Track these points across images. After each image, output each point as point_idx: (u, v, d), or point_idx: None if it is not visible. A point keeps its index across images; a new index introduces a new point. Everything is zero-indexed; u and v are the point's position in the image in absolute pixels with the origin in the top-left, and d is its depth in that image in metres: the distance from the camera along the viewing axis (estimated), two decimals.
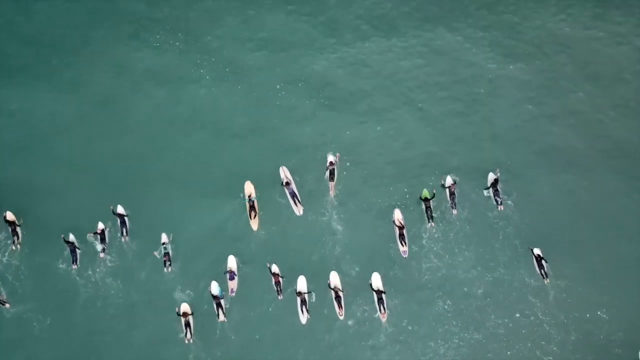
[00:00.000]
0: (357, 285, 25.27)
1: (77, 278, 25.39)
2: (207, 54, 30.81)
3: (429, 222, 26.26)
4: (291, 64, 30.53)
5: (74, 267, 25.41)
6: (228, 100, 29.63)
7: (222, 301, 24.55)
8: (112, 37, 31.19)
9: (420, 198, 26.58)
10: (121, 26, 31.49)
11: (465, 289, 25.17)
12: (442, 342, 24.38)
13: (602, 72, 29.88)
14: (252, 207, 26.39)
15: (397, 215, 26.42)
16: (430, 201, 26.35)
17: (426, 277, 25.44)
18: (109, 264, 25.69)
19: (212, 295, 24.56)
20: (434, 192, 26.60)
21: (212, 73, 30.35)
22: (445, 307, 24.93)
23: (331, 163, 27.29)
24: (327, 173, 27.28)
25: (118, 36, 31.23)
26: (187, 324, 24.39)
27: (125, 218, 26.24)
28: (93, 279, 25.41)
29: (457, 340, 24.42)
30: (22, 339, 24.44)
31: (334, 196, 27.03)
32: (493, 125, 28.72)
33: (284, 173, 27.22)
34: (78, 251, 25.54)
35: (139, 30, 31.42)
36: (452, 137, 28.52)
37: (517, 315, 24.66)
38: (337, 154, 27.50)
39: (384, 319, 24.68)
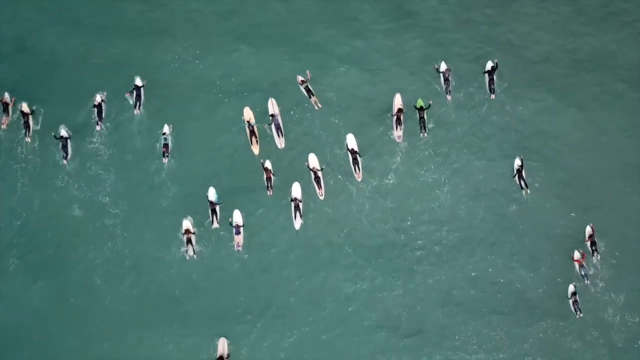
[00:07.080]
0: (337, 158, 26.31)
1: (71, 171, 25.84)
2: None
3: (421, 132, 26.52)
4: None
5: (64, 162, 25.65)
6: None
7: (217, 207, 25.06)
8: None
9: (415, 107, 26.65)
10: None
11: (451, 169, 26.15)
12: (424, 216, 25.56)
13: None
14: (252, 133, 26.36)
15: (397, 100, 26.85)
16: (425, 111, 26.47)
17: (417, 163, 26.27)
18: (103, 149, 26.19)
19: (209, 201, 25.07)
20: (430, 103, 26.72)
21: None
22: (430, 183, 25.93)
23: (302, 81, 27.30)
24: (304, 91, 27.25)
25: None
26: (189, 241, 24.70)
27: (142, 90, 26.65)
28: (89, 171, 25.90)
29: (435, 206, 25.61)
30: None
31: (320, 109, 27.06)
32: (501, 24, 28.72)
33: (272, 105, 26.95)
34: (69, 144, 25.76)
35: None
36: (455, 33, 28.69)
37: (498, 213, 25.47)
38: (308, 71, 27.33)
39: (359, 179, 25.80)
